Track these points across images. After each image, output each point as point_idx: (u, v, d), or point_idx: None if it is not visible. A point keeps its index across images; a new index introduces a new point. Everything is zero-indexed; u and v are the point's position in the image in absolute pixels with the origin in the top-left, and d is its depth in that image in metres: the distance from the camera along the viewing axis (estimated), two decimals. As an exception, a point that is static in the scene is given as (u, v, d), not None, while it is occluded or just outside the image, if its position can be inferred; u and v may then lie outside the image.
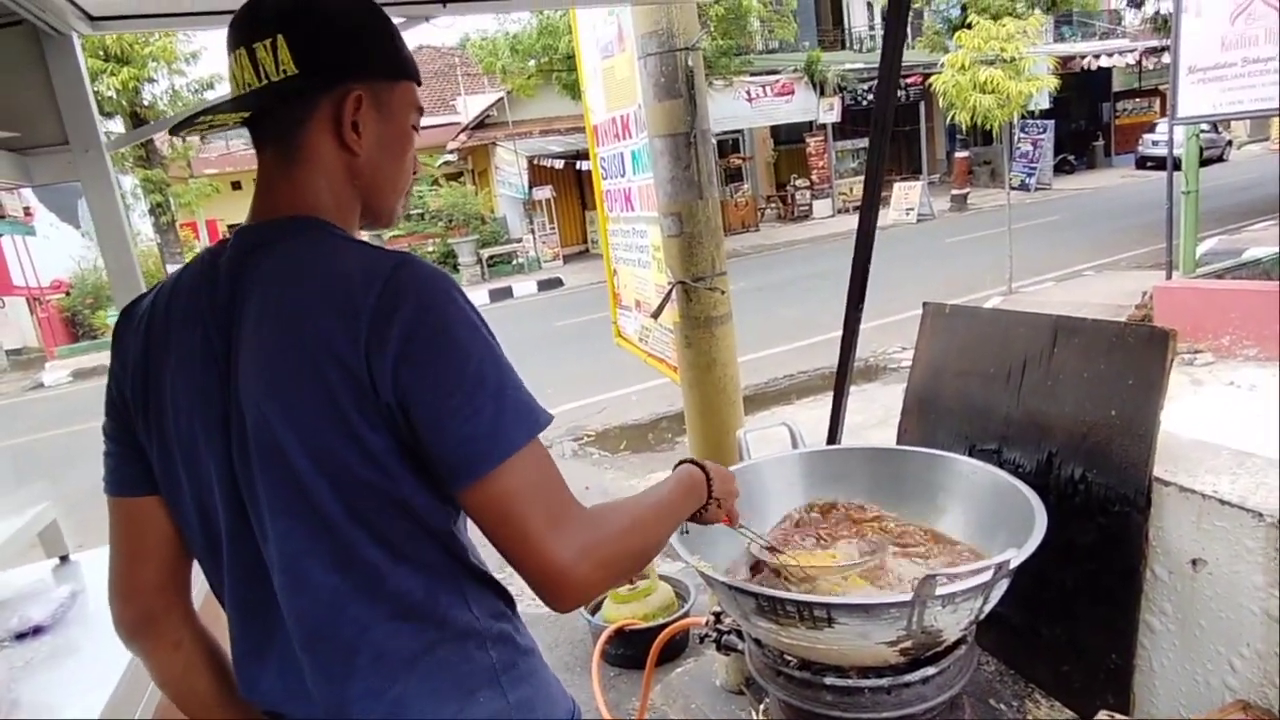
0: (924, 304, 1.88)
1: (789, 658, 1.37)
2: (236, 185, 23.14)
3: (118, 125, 14.40)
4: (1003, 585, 1.23)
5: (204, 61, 15.35)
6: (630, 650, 3.09)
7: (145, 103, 14.55)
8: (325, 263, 0.90)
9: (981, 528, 1.48)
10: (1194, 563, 1.28)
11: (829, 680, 1.32)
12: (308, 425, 0.86)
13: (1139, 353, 1.36)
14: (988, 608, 1.25)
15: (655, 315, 2.60)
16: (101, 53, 13.30)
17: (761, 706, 1.63)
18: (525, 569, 0.87)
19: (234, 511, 0.93)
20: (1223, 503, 1.21)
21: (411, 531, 0.92)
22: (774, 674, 1.41)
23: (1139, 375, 1.35)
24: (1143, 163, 22.50)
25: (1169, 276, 7.03)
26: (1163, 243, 8.69)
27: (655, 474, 5.58)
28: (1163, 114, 24.53)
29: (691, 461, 1.23)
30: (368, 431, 0.85)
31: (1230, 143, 23.69)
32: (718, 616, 1.85)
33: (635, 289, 3.21)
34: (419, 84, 1.04)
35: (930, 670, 1.30)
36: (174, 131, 0.99)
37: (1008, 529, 1.40)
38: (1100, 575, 1.40)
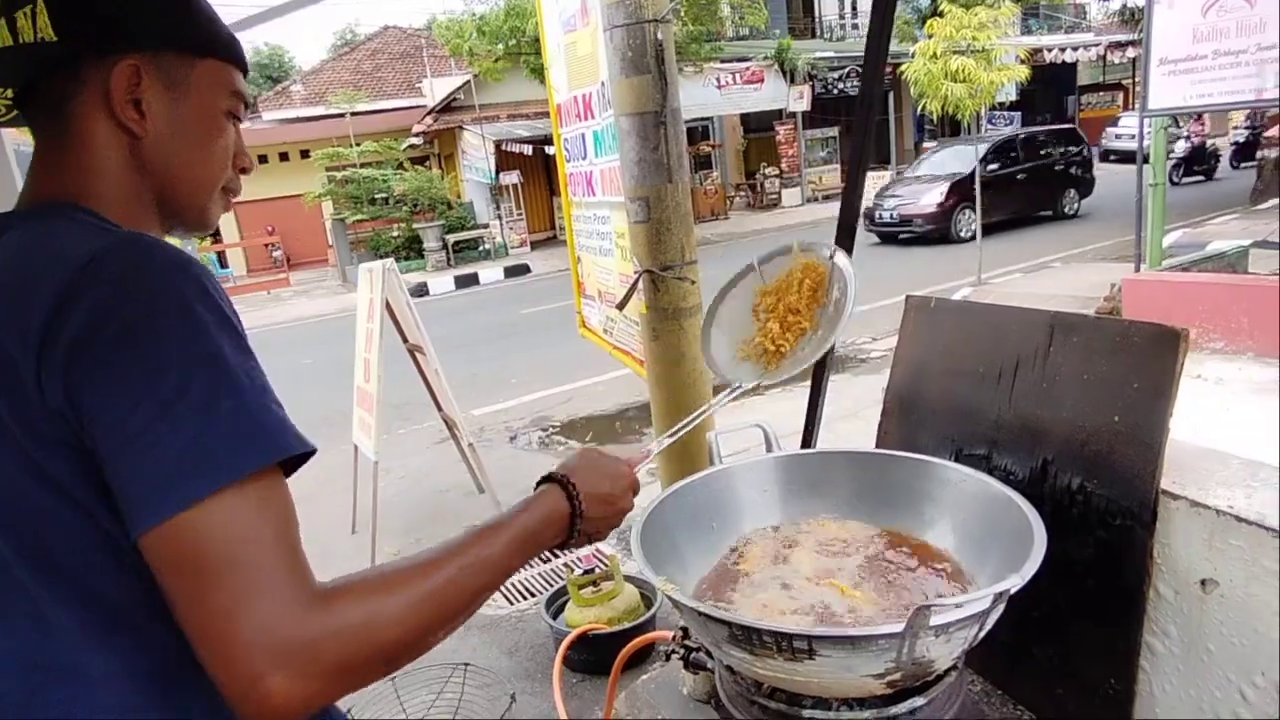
0: (907, 297, 1.76)
1: (764, 686, 1.25)
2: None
3: None
4: (999, 610, 1.12)
5: None
6: (594, 656, 2.97)
7: None
8: (34, 247, 0.75)
9: (972, 542, 1.37)
10: (1203, 583, 1.18)
11: (808, 713, 1.20)
12: None
13: (1145, 353, 1.25)
14: (982, 634, 1.14)
15: (620, 306, 2.46)
16: None
17: (732, 732, 1.52)
18: (204, 659, 0.64)
19: None
20: (1239, 519, 1.10)
21: (120, 582, 0.72)
22: (747, 703, 1.29)
23: (1145, 378, 1.24)
24: (1106, 156, 22.77)
25: (1137, 269, 7.04)
26: (1126, 235, 8.73)
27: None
28: (1127, 107, 24.90)
29: (556, 480, 0.98)
30: (37, 449, 0.68)
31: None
32: (686, 631, 1.73)
33: (598, 278, 3.07)
34: (240, 68, 0.89)
35: (919, 701, 1.19)
36: None
37: (1001, 545, 1.29)
38: (1099, 593, 1.29)
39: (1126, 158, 20.20)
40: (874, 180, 18.39)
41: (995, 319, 1.58)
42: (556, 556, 2.15)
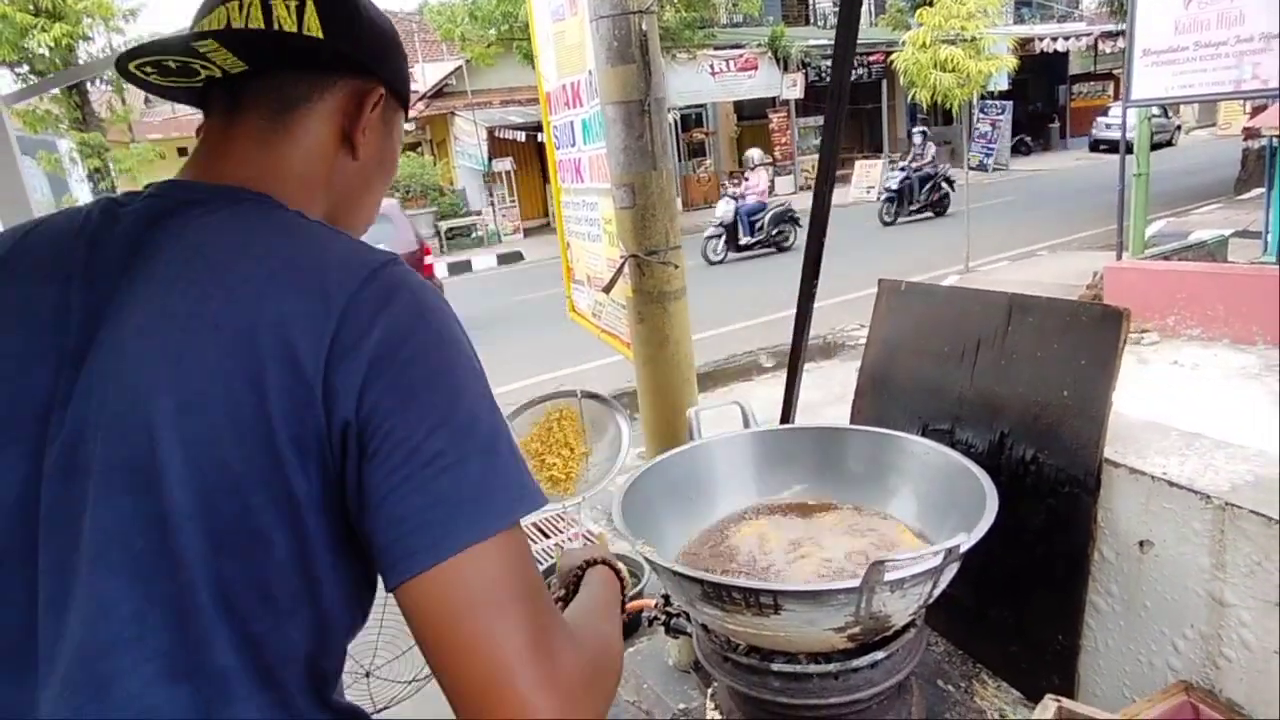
0: (879, 281, 1.85)
1: (736, 643, 1.34)
2: (183, 151, 22.44)
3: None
4: (953, 569, 1.20)
5: (143, 19, 14.77)
6: (582, 629, 3.05)
7: (81, 61, 13.93)
8: (290, 238, 0.71)
9: (933, 509, 1.46)
10: (1141, 544, 1.27)
11: (776, 666, 1.29)
12: (213, 438, 0.61)
13: (1092, 332, 1.33)
14: (937, 591, 1.23)
15: (607, 290, 2.54)
16: (32, 7, 12.63)
17: (710, 690, 1.61)
18: (459, 704, 0.60)
19: (13, 557, 0.64)
20: (1171, 484, 1.19)
21: (291, 637, 0.65)
22: (721, 660, 1.38)
23: (1091, 355, 1.32)
24: (1096, 145, 22.88)
25: (1119, 257, 7.15)
26: (1113, 224, 8.84)
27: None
28: (1117, 97, 24.95)
29: (603, 562, 1.12)
30: (294, 461, 0.61)
31: (1179, 128, 24.19)
32: (667, 599, 1.82)
33: (587, 263, 3.14)
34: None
35: (879, 655, 1.28)
36: (121, 67, 0.79)
37: (959, 511, 1.37)
38: (1048, 557, 1.38)
39: (1115, 147, 20.28)
40: (864, 169, 18.45)
41: (959, 301, 1.67)
42: (547, 537, 2.24)
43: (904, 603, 1.20)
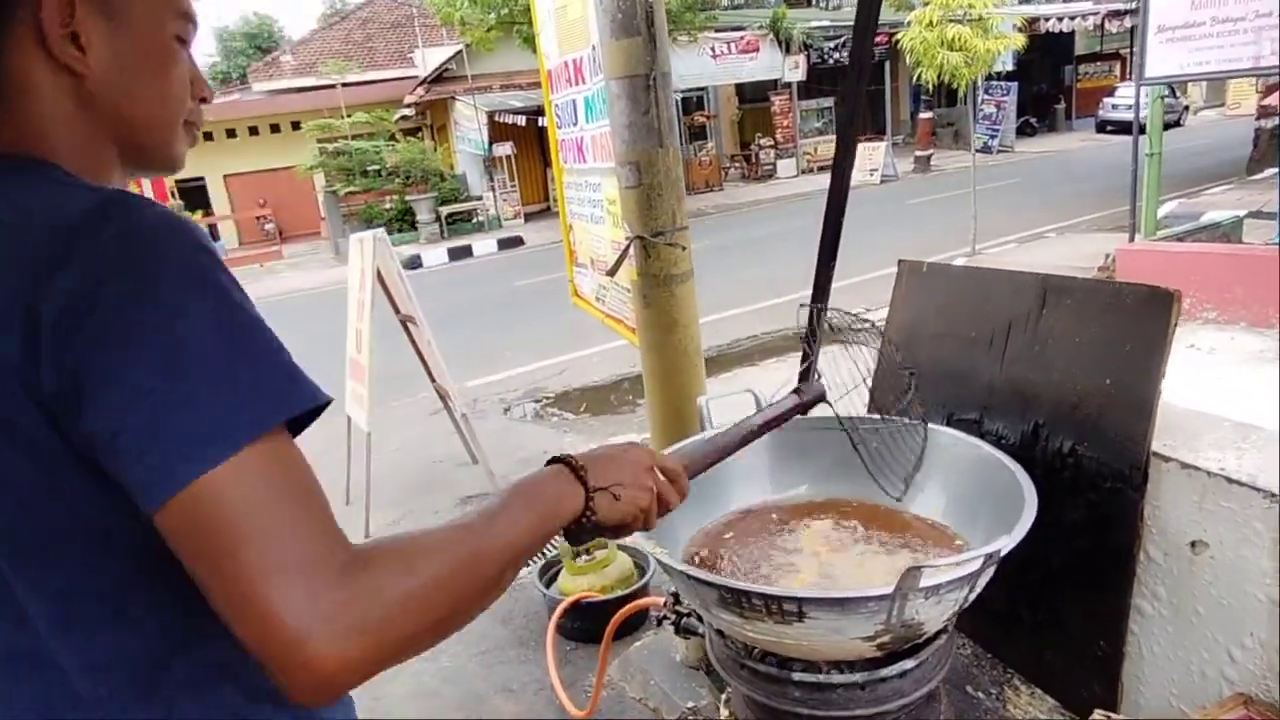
0: (899, 262, 1.75)
1: (754, 649, 1.25)
2: (182, 138, 22.26)
3: None
4: (989, 572, 1.11)
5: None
6: (587, 623, 2.98)
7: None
8: (8, 203, 0.67)
9: (962, 505, 1.37)
10: (1193, 545, 1.18)
11: (797, 676, 1.20)
12: None
13: (1138, 315, 1.23)
14: (972, 597, 1.14)
15: (611, 273, 2.44)
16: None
17: (724, 696, 1.52)
18: (240, 633, 0.59)
19: None
20: (1230, 481, 1.10)
21: (109, 570, 0.67)
22: (737, 666, 1.29)
23: (1138, 340, 1.23)
24: (1103, 126, 22.63)
25: (1132, 239, 7.01)
26: (1121, 206, 8.70)
27: (615, 437, 5.45)
28: (1123, 78, 24.71)
29: (562, 460, 0.87)
30: (28, 428, 0.62)
31: (1187, 108, 23.92)
32: (677, 597, 1.73)
33: (590, 246, 3.04)
34: None
35: (908, 664, 1.19)
36: None
37: (991, 507, 1.28)
38: (1089, 556, 1.29)
39: (1123, 128, 20.07)
40: (867, 151, 18.25)
41: (987, 282, 1.57)
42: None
43: (938, 609, 1.11)
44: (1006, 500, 1.22)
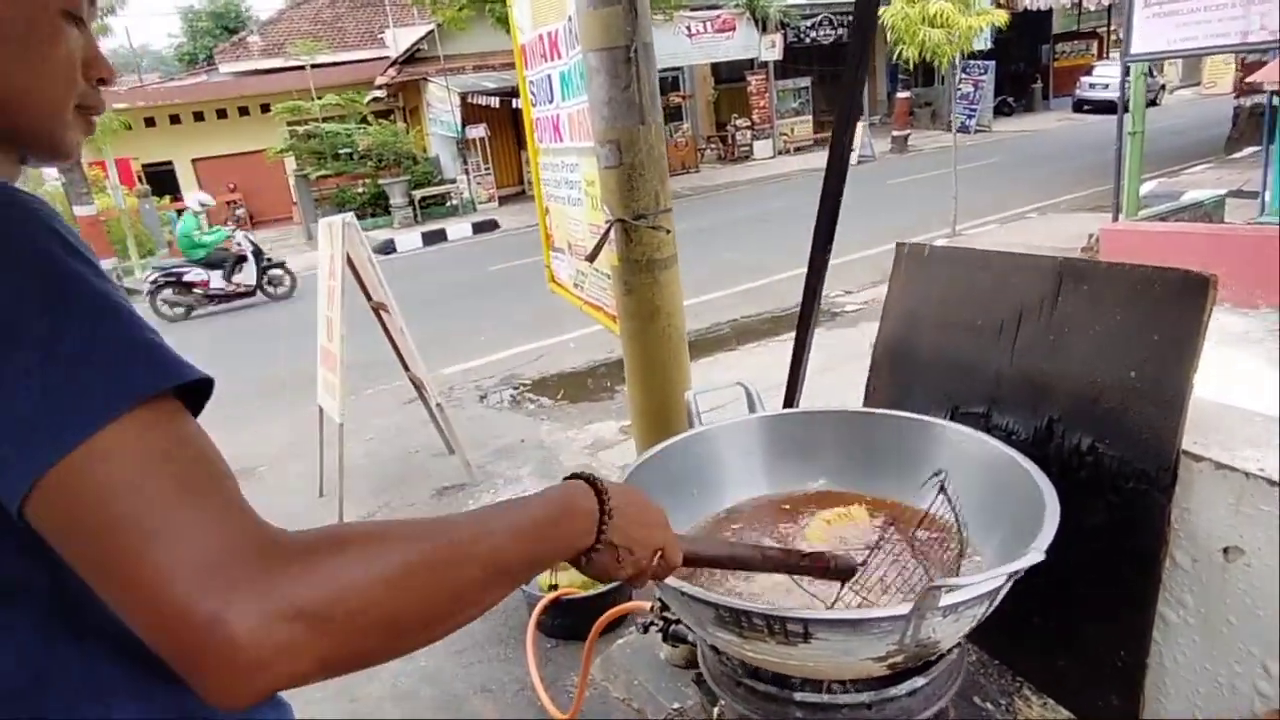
0: (898, 245, 1.64)
1: (752, 666, 1.16)
2: (150, 122, 21.75)
3: None
4: (1008, 585, 1.02)
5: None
6: (568, 620, 2.88)
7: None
8: None
9: (969, 507, 1.27)
10: (1226, 551, 1.09)
11: (799, 695, 1.11)
12: None
13: (1167, 303, 1.14)
14: (991, 611, 1.05)
15: (591, 258, 2.32)
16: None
17: (716, 711, 1.42)
18: (144, 635, 0.53)
19: None
20: (1271, 483, 1.00)
21: None
22: (733, 684, 1.20)
23: (1167, 330, 1.13)
24: (1079, 106, 22.71)
25: (1115, 219, 6.98)
26: (1100, 186, 8.69)
27: (593, 425, 5.34)
28: (1100, 56, 24.78)
29: (583, 477, 0.79)
30: None
31: (1164, 87, 24.04)
32: (664, 603, 1.63)
33: (567, 229, 2.91)
34: None
35: (919, 681, 1.10)
36: None
37: (1004, 509, 1.19)
38: (1110, 561, 1.20)
39: (1099, 108, 20.13)
40: (848, 132, 18.14)
41: (996, 266, 1.47)
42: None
43: (955, 627, 1.01)
44: (1021, 503, 1.13)
